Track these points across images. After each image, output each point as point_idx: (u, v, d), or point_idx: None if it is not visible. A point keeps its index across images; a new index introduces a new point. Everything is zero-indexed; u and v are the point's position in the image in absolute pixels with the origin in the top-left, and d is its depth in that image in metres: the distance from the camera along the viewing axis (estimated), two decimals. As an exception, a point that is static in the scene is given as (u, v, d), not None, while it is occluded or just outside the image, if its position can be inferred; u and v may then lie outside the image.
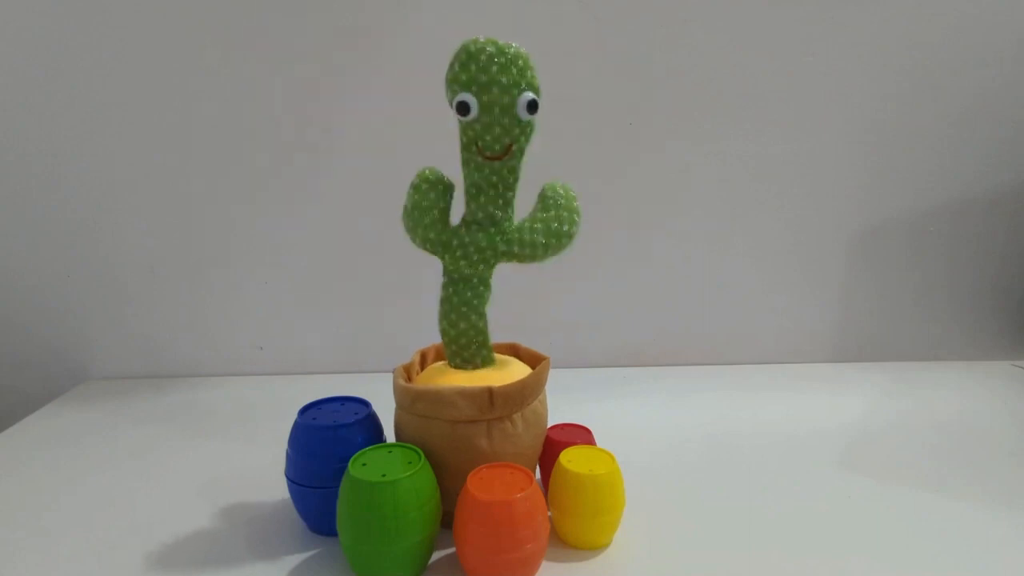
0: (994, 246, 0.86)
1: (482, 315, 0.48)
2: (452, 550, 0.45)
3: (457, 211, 0.47)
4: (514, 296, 0.50)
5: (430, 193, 0.46)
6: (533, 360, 0.52)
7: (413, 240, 0.47)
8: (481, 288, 0.48)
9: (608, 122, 0.78)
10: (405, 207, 0.47)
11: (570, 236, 0.47)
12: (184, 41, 0.72)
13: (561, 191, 0.47)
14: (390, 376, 0.48)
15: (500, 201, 0.46)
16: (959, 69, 0.79)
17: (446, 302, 0.48)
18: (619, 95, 0.77)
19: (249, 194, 0.77)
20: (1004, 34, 0.78)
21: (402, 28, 0.72)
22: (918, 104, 0.80)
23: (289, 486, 0.48)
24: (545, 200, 0.47)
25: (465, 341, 0.48)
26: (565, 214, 0.47)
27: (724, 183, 0.81)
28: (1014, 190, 0.84)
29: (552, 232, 0.46)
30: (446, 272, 0.48)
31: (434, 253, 0.48)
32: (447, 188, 0.47)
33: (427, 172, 0.46)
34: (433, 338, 0.54)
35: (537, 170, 0.47)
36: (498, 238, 0.46)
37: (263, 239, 0.79)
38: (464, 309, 0.48)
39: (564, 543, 0.46)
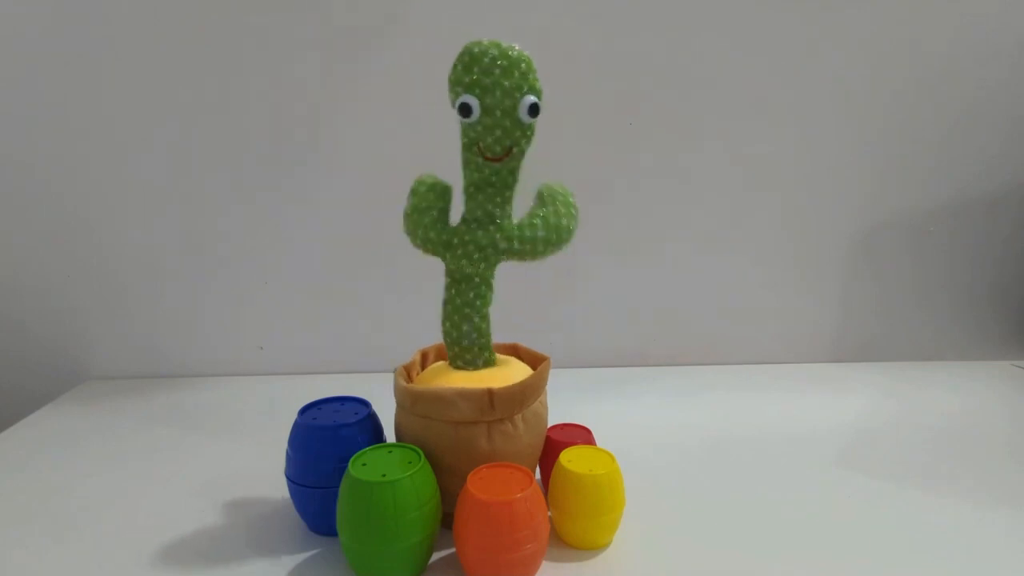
0: (994, 246, 0.86)
1: (484, 316, 0.48)
2: (452, 550, 0.45)
3: (456, 212, 0.48)
4: (514, 296, 0.50)
5: (429, 195, 0.47)
6: (534, 360, 0.52)
7: (413, 241, 0.47)
8: (483, 288, 0.48)
9: (608, 122, 0.78)
10: (405, 211, 0.47)
11: (569, 231, 0.47)
12: (184, 41, 0.72)
13: (558, 189, 0.48)
14: (390, 376, 0.48)
15: (498, 199, 0.46)
16: (959, 69, 0.79)
17: (449, 303, 0.48)
18: (619, 95, 0.77)
19: (249, 194, 0.77)
20: (1004, 34, 0.78)
21: (402, 28, 0.72)
22: (918, 104, 0.80)
23: (289, 486, 0.48)
24: (543, 197, 0.48)
25: (467, 343, 0.48)
26: (563, 208, 0.47)
27: (724, 183, 0.81)
28: (1014, 190, 0.84)
29: (552, 226, 0.46)
30: (448, 272, 0.48)
31: (435, 253, 0.48)
32: (445, 190, 0.47)
33: (425, 176, 0.47)
34: (433, 338, 0.54)
35: (538, 170, 0.47)
36: (498, 235, 0.46)
37: (263, 239, 0.79)
38: (467, 310, 0.48)
39: (564, 543, 0.46)
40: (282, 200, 0.78)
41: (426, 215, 0.46)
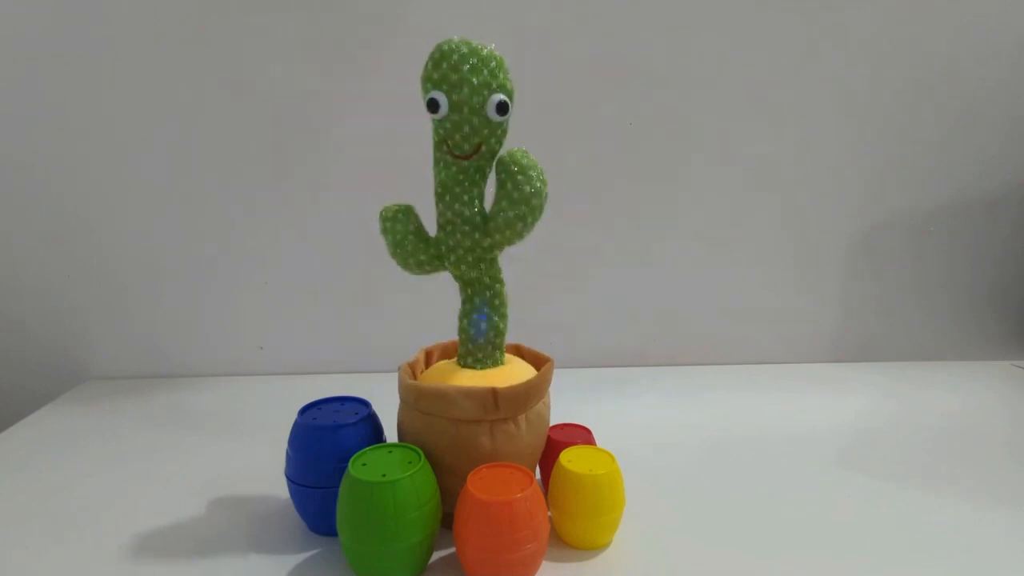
0: (994, 246, 0.86)
1: (504, 316, 0.49)
2: (452, 550, 0.45)
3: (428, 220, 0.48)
4: (515, 296, 0.50)
5: (398, 226, 0.47)
6: (537, 361, 0.52)
7: (411, 272, 0.48)
8: (497, 287, 0.48)
9: (608, 122, 0.78)
10: (389, 252, 0.47)
11: (538, 194, 0.44)
12: (184, 41, 0.72)
13: (508, 159, 0.44)
14: (390, 376, 0.48)
15: (466, 197, 0.45)
16: (959, 69, 0.79)
17: (467, 302, 0.48)
18: (619, 95, 0.77)
19: (249, 194, 0.77)
20: (1004, 34, 0.78)
21: (402, 28, 0.72)
22: (918, 104, 0.80)
23: (289, 486, 0.48)
24: (500, 176, 0.45)
25: (483, 341, 0.49)
26: (521, 177, 0.44)
27: (724, 183, 0.81)
28: (1014, 190, 0.84)
29: (518, 200, 0.44)
30: (456, 278, 0.48)
31: (436, 271, 0.48)
32: (408, 211, 0.47)
33: (385, 212, 0.47)
34: (433, 338, 0.54)
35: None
36: (476, 234, 0.46)
37: (263, 239, 0.79)
38: (486, 310, 0.48)
39: (564, 543, 0.46)
40: (282, 200, 0.78)
41: (407, 243, 0.47)
